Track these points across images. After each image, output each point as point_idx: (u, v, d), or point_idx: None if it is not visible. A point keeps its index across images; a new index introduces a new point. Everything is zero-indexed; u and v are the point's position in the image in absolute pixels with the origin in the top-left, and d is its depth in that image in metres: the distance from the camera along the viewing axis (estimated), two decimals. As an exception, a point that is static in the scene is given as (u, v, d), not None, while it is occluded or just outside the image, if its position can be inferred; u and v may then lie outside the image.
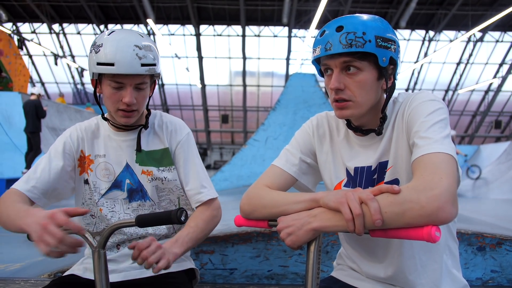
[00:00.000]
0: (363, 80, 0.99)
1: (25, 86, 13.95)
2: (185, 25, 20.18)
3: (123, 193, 1.29)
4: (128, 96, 1.18)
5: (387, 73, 1.02)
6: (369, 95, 1.01)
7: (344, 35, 0.96)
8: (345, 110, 1.02)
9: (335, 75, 1.00)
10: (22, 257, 2.93)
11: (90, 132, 1.32)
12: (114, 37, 1.16)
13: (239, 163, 6.73)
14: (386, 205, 0.82)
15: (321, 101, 7.11)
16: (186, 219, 0.96)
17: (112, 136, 1.31)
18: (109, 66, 1.13)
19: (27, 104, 7.65)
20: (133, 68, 1.14)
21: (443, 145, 0.89)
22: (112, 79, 1.17)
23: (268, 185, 1.12)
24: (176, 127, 1.36)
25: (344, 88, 1.00)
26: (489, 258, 1.76)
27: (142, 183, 1.29)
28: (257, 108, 24.16)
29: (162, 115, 1.39)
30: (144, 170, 1.30)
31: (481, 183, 9.78)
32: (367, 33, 0.96)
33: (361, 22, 0.98)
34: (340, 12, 18.27)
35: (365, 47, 0.95)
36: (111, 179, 1.29)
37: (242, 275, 1.78)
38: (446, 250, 1.08)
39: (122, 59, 1.13)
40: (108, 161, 1.30)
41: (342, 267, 1.24)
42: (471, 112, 24.01)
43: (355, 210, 0.82)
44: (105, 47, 1.14)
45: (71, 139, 1.30)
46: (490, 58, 21.43)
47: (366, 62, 0.98)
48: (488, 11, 17.81)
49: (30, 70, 18.83)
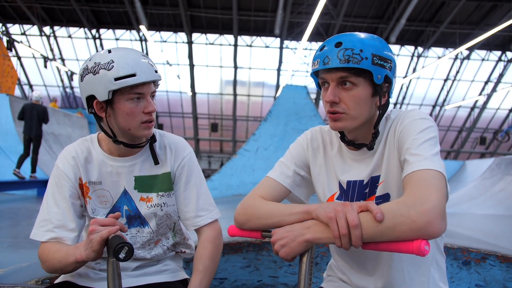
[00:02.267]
0: (358, 95, 1.03)
1: (12, 87, 13.76)
2: (178, 33, 20.21)
3: (122, 219, 1.27)
4: (150, 104, 1.18)
5: (382, 90, 1.05)
6: (362, 110, 1.04)
7: (342, 50, 1.00)
8: (339, 122, 1.05)
9: (331, 88, 1.03)
10: (6, 262, 2.86)
11: (83, 158, 1.26)
12: (119, 53, 1.15)
13: (229, 172, 6.73)
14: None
15: (312, 113, 7.18)
16: (125, 257, 0.95)
17: (108, 161, 1.26)
18: (131, 78, 1.12)
19: (33, 108, 7.70)
20: (151, 74, 1.16)
21: (433, 162, 0.92)
22: (132, 91, 1.14)
23: (263, 196, 1.14)
24: (178, 148, 1.32)
25: (339, 101, 1.03)
26: (474, 272, 1.80)
27: (140, 210, 1.27)
28: (247, 118, 24.21)
29: (162, 136, 1.35)
30: (144, 196, 1.27)
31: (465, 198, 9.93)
32: (364, 50, 1.00)
33: (360, 40, 1.02)
34: (331, 25, 18.55)
35: (362, 63, 0.99)
36: (109, 206, 1.27)
37: (232, 285, 1.79)
38: (433, 264, 1.11)
39: (141, 67, 1.14)
40: (104, 188, 1.26)
41: (332, 278, 1.26)
42: (457, 128, 24.44)
43: (342, 230, 0.86)
44: (119, 62, 1.13)
45: (65, 172, 1.24)
46: (476, 75, 21.91)
47: (362, 78, 1.02)
48: (475, 30, 18.27)
49: (18, 72, 18.61)
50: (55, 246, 1.17)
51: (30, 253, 3.05)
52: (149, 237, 1.30)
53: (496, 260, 1.79)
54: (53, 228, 1.20)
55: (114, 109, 1.16)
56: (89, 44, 21.04)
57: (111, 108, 1.16)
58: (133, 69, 1.12)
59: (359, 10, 18.24)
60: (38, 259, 1.22)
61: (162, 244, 1.33)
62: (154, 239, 1.31)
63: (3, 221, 5.07)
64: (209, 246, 1.28)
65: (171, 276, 1.32)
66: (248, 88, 23.19)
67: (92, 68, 1.14)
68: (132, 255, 0.95)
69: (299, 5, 17.14)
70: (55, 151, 10.09)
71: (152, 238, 1.30)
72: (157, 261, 1.34)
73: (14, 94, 12.90)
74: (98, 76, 1.12)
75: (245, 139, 21.96)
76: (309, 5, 16.24)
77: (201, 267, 1.24)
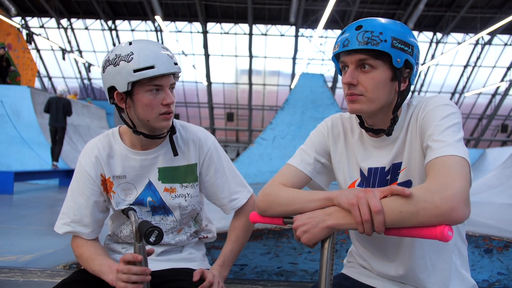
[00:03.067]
0: (376, 77, 1.02)
1: (32, 80, 14.07)
2: (192, 23, 20.24)
3: (146, 207, 1.32)
4: (168, 96, 1.19)
5: (401, 75, 1.04)
6: (380, 93, 1.04)
7: (362, 33, 1.00)
8: (356, 104, 1.05)
9: (349, 70, 1.04)
10: (32, 249, 2.97)
11: (105, 155, 1.29)
12: (140, 45, 1.17)
13: (246, 161, 6.76)
14: (401, 205, 0.85)
15: (329, 101, 7.12)
16: (155, 240, 1.03)
17: (130, 155, 1.28)
18: (150, 70, 1.13)
19: (58, 101, 8.21)
20: (170, 66, 1.17)
21: (456, 148, 0.92)
22: (150, 83, 1.16)
23: (283, 183, 1.15)
24: (201, 140, 1.35)
25: (357, 83, 1.03)
26: (496, 260, 1.78)
27: (165, 201, 1.31)
28: (263, 107, 24.19)
29: (184, 128, 1.37)
30: (167, 187, 1.30)
31: (485, 187, 9.75)
32: (384, 33, 0.99)
33: (380, 24, 1.02)
34: (347, 12, 18.24)
35: (380, 45, 0.99)
36: (132, 198, 1.30)
37: (252, 271, 1.82)
38: (455, 251, 1.11)
39: (160, 60, 1.15)
40: (129, 181, 1.29)
41: (353, 264, 1.27)
42: (477, 115, 23.91)
43: (364, 216, 0.86)
44: (139, 54, 1.14)
45: (86, 170, 1.28)
46: (498, 61, 21.31)
47: (381, 61, 1.01)
48: (497, 14, 17.71)
49: (37, 65, 18.96)
50: (88, 248, 1.26)
51: (55, 240, 3.15)
52: (173, 225, 1.33)
53: (519, 248, 1.77)
54: (69, 222, 1.27)
55: (133, 100, 1.18)
56: (106, 36, 21.27)
57: (131, 99, 1.18)
58: (152, 61, 1.14)
59: (376, -5, 17.89)
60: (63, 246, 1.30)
61: (185, 231, 1.37)
62: (177, 227, 1.35)
63: (27, 209, 5.24)
64: (243, 219, 1.39)
65: (196, 264, 1.36)
66: (264, 77, 23.13)
67: (113, 60, 1.16)
68: (162, 238, 1.01)
69: (315, -8, 16.92)
70: (75, 142, 10.31)
71: (175, 227, 1.34)
72: (181, 247, 1.38)
73: (34, 86, 13.17)
74: (118, 67, 1.15)
75: (261, 128, 21.97)
76: (324, -8, 16.00)
77: (234, 238, 1.36)
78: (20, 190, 6.87)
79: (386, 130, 1.09)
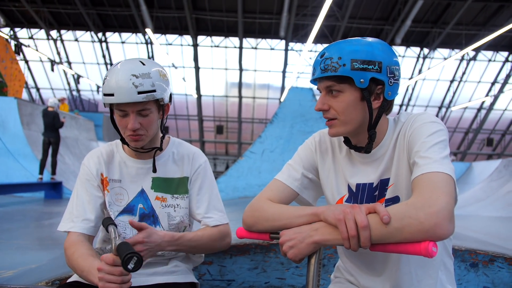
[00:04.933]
0: (345, 100, 1.05)
1: (20, 91, 13.89)
2: (183, 36, 20.33)
3: (134, 218, 1.34)
4: (131, 122, 1.24)
5: (371, 93, 1.05)
6: (352, 115, 1.06)
7: (323, 61, 1.05)
8: (332, 128, 1.10)
9: (321, 97, 1.10)
10: (15, 264, 2.89)
11: (107, 157, 1.38)
12: (117, 68, 1.23)
13: (235, 174, 6.74)
14: None
15: (318, 115, 7.17)
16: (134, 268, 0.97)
17: (128, 162, 1.37)
18: (111, 97, 1.21)
19: (47, 114, 8.25)
20: (130, 96, 1.19)
21: (442, 165, 0.93)
22: (117, 107, 1.24)
23: (270, 198, 1.15)
24: (195, 156, 1.43)
25: (328, 108, 1.08)
26: (481, 274, 1.79)
27: (155, 209, 1.35)
28: (252, 120, 24.25)
29: (180, 145, 1.45)
30: (159, 196, 1.36)
31: (472, 200, 9.86)
32: (342, 57, 1.02)
33: (340, 48, 1.04)
34: (337, 27, 18.55)
35: (339, 71, 1.02)
36: (124, 204, 1.35)
37: (240, 286, 1.80)
38: (441, 266, 1.11)
39: (119, 89, 1.19)
40: (123, 186, 1.36)
41: (340, 279, 1.27)
42: (463, 129, 24.30)
43: (351, 232, 0.87)
44: (108, 80, 1.22)
45: (89, 168, 1.35)
46: (482, 76, 21.79)
47: (346, 84, 1.04)
48: (481, 31, 18.18)
49: (25, 76, 18.79)
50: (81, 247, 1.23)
51: (38, 254, 3.08)
52: None
53: (504, 262, 1.78)
54: (73, 218, 1.29)
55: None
56: (96, 48, 21.22)
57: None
58: (112, 90, 1.21)
59: (364, 12, 18.22)
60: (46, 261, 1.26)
61: None
62: None
63: (11, 223, 5.11)
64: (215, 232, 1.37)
65: (181, 277, 1.34)
66: (254, 90, 23.24)
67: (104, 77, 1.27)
68: (141, 265, 0.97)
69: (304, 7, 17.17)
70: (62, 154, 10.16)
71: None
72: (168, 259, 1.38)
73: (22, 98, 13.02)
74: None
75: (251, 141, 21.99)
76: (314, 7, 16.25)
77: (200, 233, 1.34)
78: (4, 203, 6.72)
79: (364, 147, 1.10)
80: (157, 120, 1.31)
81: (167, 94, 1.30)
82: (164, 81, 1.29)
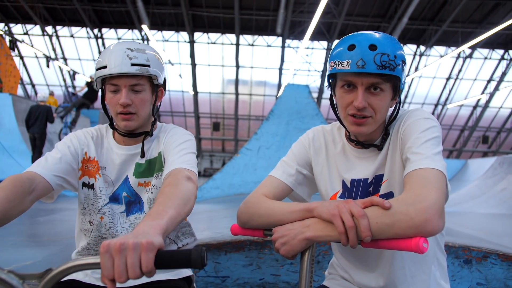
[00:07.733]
0: (385, 99, 1.03)
1: (15, 87, 13.78)
2: (180, 32, 20.23)
3: (121, 207, 1.29)
4: (123, 97, 1.20)
5: (399, 93, 1.07)
6: (384, 114, 1.06)
7: (378, 55, 0.97)
8: (363, 127, 1.04)
9: (361, 93, 1.01)
10: (10, 261, 2.88)
11: (96, 138, 1.32)
12: (111, 46, 1.23)
13: (231, 171, 6.74)
14: (377, 216, 0.86)
15: (313, 112, 7.18)
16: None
17: (115, 149, 1.31)
18: (103, 69, 1.19)
19: (38, 108, 8.11)
20: (123, 67, 1.18)
21: (434, 161, 0.93)
22: (109, 82, 1.22)
23: (265, 194, 1.15)
24: (174, 130, 1.33)
25: (367, 106, 1.02)
26: (475, 271, 1.80)
27: (140, 195, 1.30)
28: (249, 117, 24.23)
29: (168, 125, 1.38)
30: (141, 182, 1.30)
31: (467, 197, 9.92)
32: (397, 57, 1.00)
33: (391, 45, 1.00)
34: (333, 24, 18.53)
35: (396, 70, 0.99)
36: (109, 192, 1.29)
37: (234, 283, 1.80)
38: (434, 262, 1.12)
39: (113, 60, 1.18)
40: (107, 174, 1.30)
41: (334, 276, 1.27)
42: (459, 127, 24.39)
43: (348, 223, 0.86)
44: (102, 54, 1.22)
45: (77, 138, 1.29)
46: (478, 74, 21.85)
47: (389, 83, 1.02)
48: (477, 28, 18.21)
49: (21, 72, 18.65)
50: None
51: (33, 251, 3.07)
52: None
53: (498, 258, 1.80)
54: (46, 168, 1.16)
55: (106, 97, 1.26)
56: (91, 44, 21.09)
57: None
58: (105, 62, 1.19)
59: (361, 9, 18.21)
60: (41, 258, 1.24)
61: None
62: None
63: (6, 220, 5.08)
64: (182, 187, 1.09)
65: (174, 273, 1.32)
66: (250, 87, 23.20)
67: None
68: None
69: (301, 4, 17.13)
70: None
71: None
72: None
73: (17, 94, 12.94)
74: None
75: (247, 138, 21.98)
76: (310, 4, 16.22)
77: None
78: (-1, 200, 6.68)
79: (378, 145, 1.10)
80: (149, 102, 1.27)
81: (161, 75, 1.28)
82: (159, 63, 1.27)
